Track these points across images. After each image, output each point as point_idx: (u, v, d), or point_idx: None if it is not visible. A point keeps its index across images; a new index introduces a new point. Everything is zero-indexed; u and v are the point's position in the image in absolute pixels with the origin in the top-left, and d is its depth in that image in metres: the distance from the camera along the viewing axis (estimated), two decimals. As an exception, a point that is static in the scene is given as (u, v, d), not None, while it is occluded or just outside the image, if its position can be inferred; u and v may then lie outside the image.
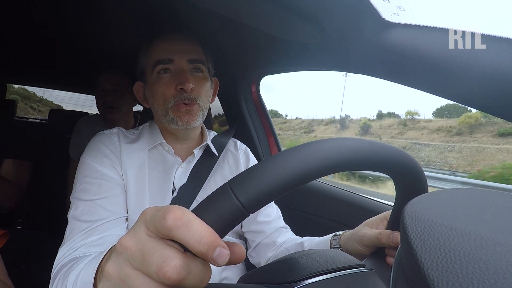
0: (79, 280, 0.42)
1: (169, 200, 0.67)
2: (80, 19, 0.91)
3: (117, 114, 1.31)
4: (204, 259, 0.24)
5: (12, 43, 1.21)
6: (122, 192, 0.64)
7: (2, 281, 0.69)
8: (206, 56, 0.70)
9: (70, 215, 0.59)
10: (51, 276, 0.50)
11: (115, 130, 0.71)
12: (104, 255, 0.39)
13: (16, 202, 1.20)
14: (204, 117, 0.70)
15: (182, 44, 0.67)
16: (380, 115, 30.93)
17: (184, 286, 0.24)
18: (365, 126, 28.29)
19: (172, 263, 0.23)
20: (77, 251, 0.53)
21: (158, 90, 0.65)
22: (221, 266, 0.24)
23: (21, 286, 0.79)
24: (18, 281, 0.78)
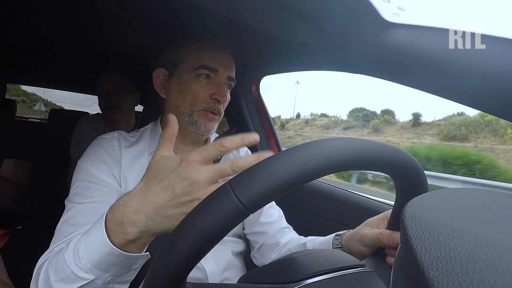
0: (81, 250, 0.42)
1: None
2: (82, 19, 0.91)
3: (118, 114, 1.32)
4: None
5: (13, 43, 1.21)
6: (117, 198, 0.63)
7: (2, 281, 0.69)
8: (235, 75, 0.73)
9: (62, 217, 0.58)
10: (33, 277, 0.48)
11: (115, 134, 0.70)
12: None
13: (15, 202, 1.20)
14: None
15: (227, 60, 0.70)
16: (298, 115, 42.76)
17: None
18: (281, 124, 40.62)
19: None
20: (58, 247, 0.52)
21: (192, 90, 0.66)
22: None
23: (21, 286, 0.79)
24: (18, 281, 0.78)
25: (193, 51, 0.68)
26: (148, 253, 0.45)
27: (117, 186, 0.64)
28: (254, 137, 0.39)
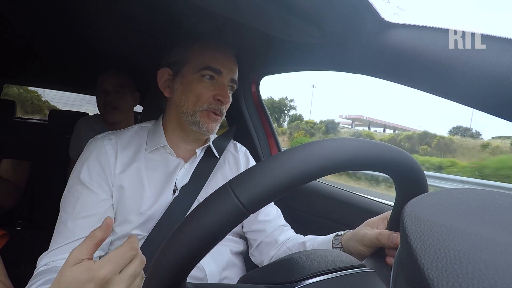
0: None
1: (170, 200, 0.67)
2: (80, 19, 0.91)
3: (118, 115, 1.31)
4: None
5: (11, 43, 1.21)
6: (103, 208, 0.63)
7: (1, 282, 0.69)
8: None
9: (59, 219, 0.61)
10: (32, 277, 0.54)
11: (110, 134, 0.70)
12: None
13: (15, 201, 1.21)
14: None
15: (232, 62, 0.71)
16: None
17: None
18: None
19: None
20: (41, 268, 0.58)
21: (195, 90, 0.67)
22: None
23: (21, 286, 0.79)
24: (18, 281, 0.78)
25: (199, 52, 0.69)
26: None
27: (104, 195, 0.63)
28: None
